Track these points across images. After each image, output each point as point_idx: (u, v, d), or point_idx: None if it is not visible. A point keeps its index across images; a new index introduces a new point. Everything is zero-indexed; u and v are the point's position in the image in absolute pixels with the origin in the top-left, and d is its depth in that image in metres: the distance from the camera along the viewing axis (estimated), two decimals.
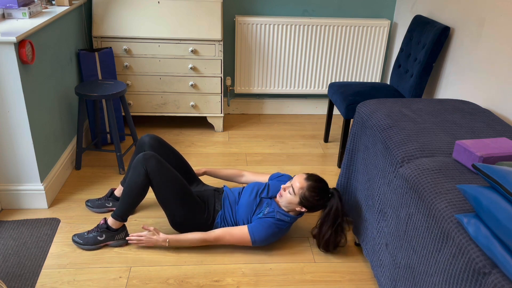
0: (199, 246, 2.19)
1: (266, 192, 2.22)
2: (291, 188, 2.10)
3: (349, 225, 2.36)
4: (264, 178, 2.44)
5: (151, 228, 2.15)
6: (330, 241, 2.14)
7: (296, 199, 2.09)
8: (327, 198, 2.12)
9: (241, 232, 2.11)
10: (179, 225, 2.19)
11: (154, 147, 2.32)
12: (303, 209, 2.11)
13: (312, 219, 2.45)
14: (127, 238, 2.16)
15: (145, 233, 2.14)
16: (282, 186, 2.15)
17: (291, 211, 2.15)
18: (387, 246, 1.75)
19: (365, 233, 2.03)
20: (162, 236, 2.13)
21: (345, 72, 3.64)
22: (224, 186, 2.35)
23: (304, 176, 2.12)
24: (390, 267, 1.72)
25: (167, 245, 2.13)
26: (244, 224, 2.17)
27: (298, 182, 2.09)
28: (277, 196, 2.17)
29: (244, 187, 2.29)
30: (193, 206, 2.15)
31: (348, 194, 2.30)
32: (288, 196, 2.10)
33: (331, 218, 2.10)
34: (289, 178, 2.34)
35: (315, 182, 2.10)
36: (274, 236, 2.13)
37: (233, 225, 2.19)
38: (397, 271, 1.65)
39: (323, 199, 2.11)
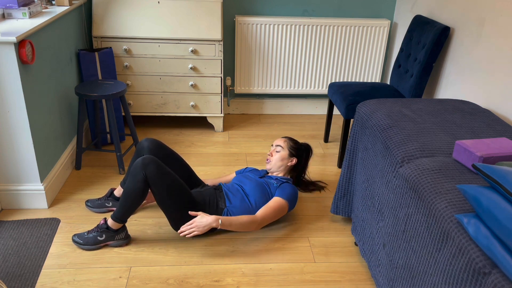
0: (199, 246, 2.19)
1: (259, 173, 2.47)
2: (278, 147, 2.45)
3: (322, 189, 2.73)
4: (230, 176, 2.62)
5: (199, 212, 2.10)
6: (315, 183, 2.69)
7: (285, 152, 2.44)
8: (303, 143, 2.53)
9: (275, 202, 2.26)
10: (180, 227, 2.19)
11: (153, 151, 2.32)
12: (294, 160, 2.44)
13: (312, 219, 2.45)
14: (178, 232, 2.10)
15: (193, 220, 2.08)
16: (269, 152, 2.47)
17: (284, 172, 2.45)
18: (385, 246, 1.75)
19: (363, 233, 2.04)
20: (213, 216, 2.08)
21: (345, 72, 3.64)
22: (220, 183, 2.41)
23: (279, 138, 2.45)
24: (387, 267, 1.72)
25: (219, 226, 2.09)
26: (263, 205, 2.27)
27: (279, 141, 2.49)
28: (266, 165, 2.46)
29: (234, 181, 2.39)
30: (193, 208, 2.15)
31: (349, 194, 2.30)
32: (277, 155, 2.43)
33: (307, 160, 2.55)
34: (252, 169, 2.56)
35: (288, 136, 2.45)
36: (296, 194, 2.36)
37: (243, 214, 2.22)
38: (395, 271, 1.65)
39: (302, 144, 2.52)
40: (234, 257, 2.14)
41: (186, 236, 2.08)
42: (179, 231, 2.10)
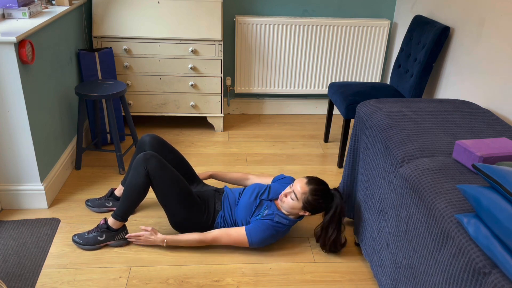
0: (199, 246, 2.19)
1: (267, 194, 2.21)
2: (293, 193, 2.07)
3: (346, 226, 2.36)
4: (267, 180, 2.43)
5: (149, 228, 2.15)
6: (337, 242, 2.13)
7: (299, 204, 2.06)
8: (331, 199, 2.11)
9: (238, 233, 2.10)
10: (179, 225, 2.19)
11: (154, 147, 2.32)
12: (307, 213, 2.10)
13: (312, 219, 2.45)
14: (126, 235, 2.16)
15: (143, 233, 2.15)
16: (283, 192, 2.13)
17: (292, 215, 2.14)
18: (388, 246, 1.75)
19: (365, 233, 2.03)
20: (160, 236, 2.13)
21: (345, 72, 3.64)
22: (225, 186, 2.34)
23: (305, 180, 2.09)
24: (391, 267, 1.72)
25: (164, 245, 2.13)
26: (242, 225, 2.17)
27: (300, 187, 2.07)
28: (278, 201, 2.15)
29: (245, 188, 2.29)
30: (193, 207, 2.15)
31: (354, 195, 2.29)
32: (290, 202, 2.07)
33: (336, 219, 2.09)
34: (292, 180, 2.33)
35: (317, 185, 2.08)
36: (272, 238, 2.12)
37: (232, 226, 2.19)
38: (398, 271, 1.65)
39: (327, 201, 2.09)
40: (234, 257, 2.14)
41: (131, 240, 2.18)
42: (127, 235, 2.17)
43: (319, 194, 2.06)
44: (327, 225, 2.12)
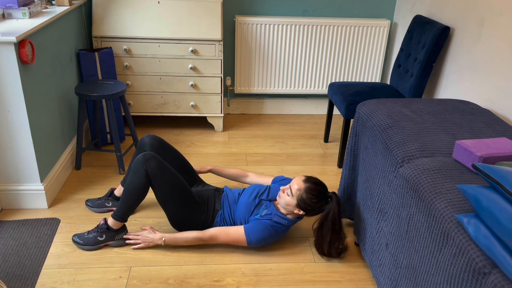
0: (199, 246, 2.19)
1: (266, 194, 2.21)
2: (289, 189, 2.08)
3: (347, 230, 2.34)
4: (267, 180, 2.42)
5: (147, 227, 2.16)
6: (332, 247, 2.11)
7: (293, 201, 2.07)
8: (325, 201, 2.09)
9: (236, 232, 2.10)
10: (179, 225, 2.19)
11: (154, 148, 2.33)
12: (301, 212, 2.09)
13: (312, 219, 2.45)
14: (124, 237, 2.16)
15: (141, 232, 2.15)
16: (281, 187, 2.14)
17: (289, 214, 2.13)
18: (388, 246, 1.75)
19: (364, 233, 2.03)
20: (158, 234, 2.14)
21: (345, 72, 3.64)
22: (225, 186, 2.34)
23: (303, 178, 2.10)
24: (390, 267, 1.72)
25: (163, 243, 2.13)
26: (241, 224, 2.17)
27: (296, 184, 2.07)
28: (277, 197, 2.15)
29: (245, 188, 2.29)
30: (193, 206, 2.15)
31: (354, 196, 2.29)
32: (286, 198, 2.08)
33: (329, 223, 2.07)
34: (281, 179, 2.35)
35: (313, 184, 2.08)
36: (271, 238, 2.12)
37: (231, 225, 2.19)
38: (399, 271, 1.65)
39: (321, 202, 2.08)
40: (234, 257, 2.14)
41: (132, 247, 2.15)
42: (125, 236, 2.16)
43: (313, 194, 2.05)
44: (319, 228, 2.11)
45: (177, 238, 2.13)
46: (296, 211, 2.09)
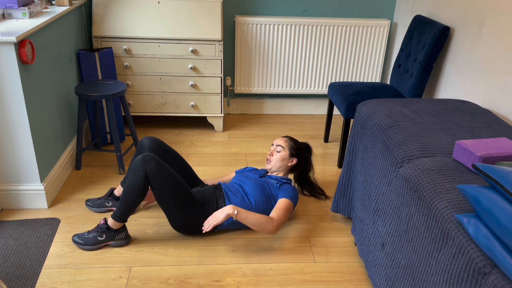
0: (199, 246, 2.19)
1: (258, 175, 2.43)
2: (278, 147, 2.43)
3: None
4: (231, 176, 2.62)
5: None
6: (316, 188, 2.62)
7: (286, 152, 2.42)
8: (303, 143, 2.53)
9: (283, 204, 2.22)
10: (180, 226, 2.19)
11: (154, 149, 2.32)
12: (294, 160, 2.43)
13: (312, 219, 2.45)
14: (202, 229, 2.13)
15: (212, 215, 2.11)
16: (269, 153, 2.45)
17: (283, 172, 2.45)
18: (384, 246, 1.75)
19: (361, 233, 2.04)
20: (230, 205, 2.08)
21: (345, 72, 3.64)
22: (219, 182, 2.42)
23: (279, 137, 2.59)
24: (386, 267, 1.72)
25: (235, 215, 2.06)
26: (264, 204, 2.26)
27: (280, 141, 2.47)
28: (266, 165, 2.44)
29: (233, 181, 2.37)
30: (193, 207, 2.15)
31: (349, 193, 2.30)
32: (278, 155, 2.41)
33: (310, 158, 2.55)
34: (251, 168, 2.55)
35: (288, 135, 2.61)
36: (297, 194, 2.33)
37: (253, 210, 2.22)
38: (396, 271, 1.65)
39: (302, 143, 2.51)
40: (234, 257, 2.14)
41: (206, 230, 2.07)
42: (203, 228, 2.09)
43: (295, 139, 2.51)
44: (305, 164, 2.53)
45: (249, 215, 2.08)
46: (289, 162, 2.43)
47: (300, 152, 2.48)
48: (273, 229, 2.12)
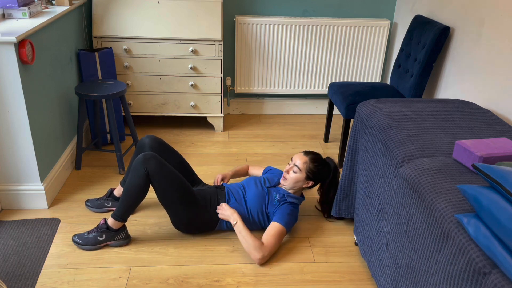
0: (199, 246, 2.19)
1: (268, 183, 2.33)
2: (295, 167, 2.25)
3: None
4: (260, 172, 2.61)
5: (223, 204, 2.21)
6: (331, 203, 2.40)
7: (302, 175, 2.25)
8: (327, 165, 2.33)
9: (274, 229, 2.13)
10: (182, 225, 2.20)
11: (154, 148, 2.33)
12: (310, 183, 2.28)
13: (312, 219, 2.45)
14: (217, 209, 2.20)
15: (223, 205, 2.20)
16: (284, 170, 2.29)
17: (296, 191, 2.29)
18: (388, 246, 1.75)
19: (363, 233, 2.03)
20: (236, 215, 2.16)
21: (345, 72, 3.64)
22: (223, 183, 2.39)
23: (302, 153, 2.31)
24: (390, 267, 1.72)
25: (233, 225, 2.14)
26: (258, 214, 2.23)
27: (299, 159, 2.27)
28: (281, 181, 2.29)
29: (242, 183, 2.34)
30: (195, 205, 2.15)
31: (352, 195, 2.29)
32: (293, 176, 2.24)
33: (335, 181, 2.36)
34: (279, 171, 2.48)
35: (314, 154, 2.31)
36: (295, 217, 2.24)
37: (247, 217, 2.22)
38: (398, 271, 1.65)
39: (324, 167, 2.30)
40: (234, 257, 2.14)
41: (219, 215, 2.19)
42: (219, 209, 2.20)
43: (318, 161, 2.28)
44: (328, 190, 2.38)
45: (243, 232, 2.11)
46: (305, 185, 2.27)
47: (319, 177, 2.30)
48: (260, 259, 2.07)
